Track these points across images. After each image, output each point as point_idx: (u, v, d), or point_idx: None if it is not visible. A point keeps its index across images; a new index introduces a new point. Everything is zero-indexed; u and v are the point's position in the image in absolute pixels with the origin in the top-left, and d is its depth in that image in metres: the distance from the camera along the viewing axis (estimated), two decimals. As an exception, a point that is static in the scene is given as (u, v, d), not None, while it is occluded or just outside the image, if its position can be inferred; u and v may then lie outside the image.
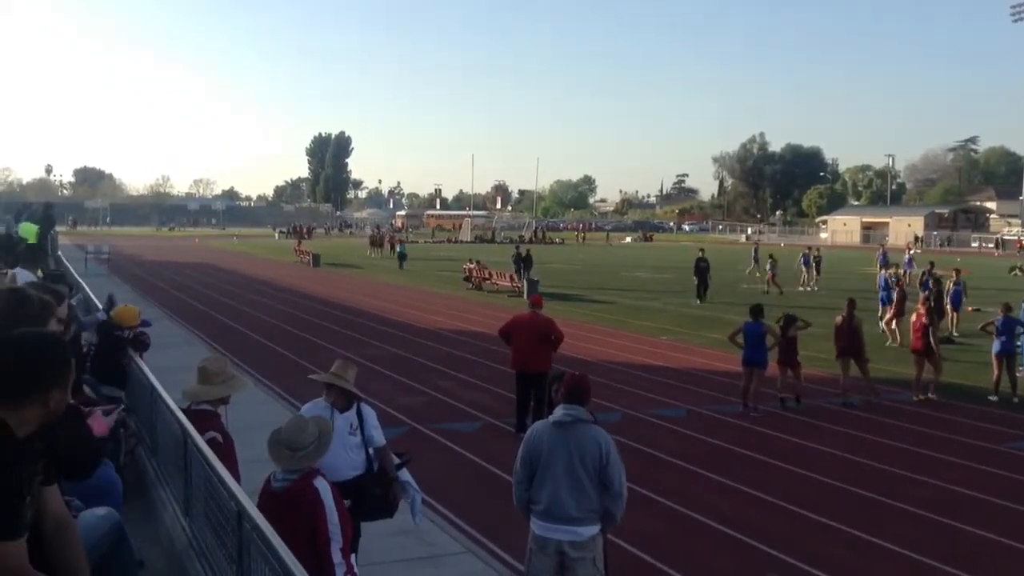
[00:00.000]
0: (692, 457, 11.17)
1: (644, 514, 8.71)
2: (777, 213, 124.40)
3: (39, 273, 10.26)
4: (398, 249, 49.61)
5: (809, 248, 38.26)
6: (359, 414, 6.14)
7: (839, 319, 14.88)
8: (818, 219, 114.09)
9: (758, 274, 38.54)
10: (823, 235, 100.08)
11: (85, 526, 3.57)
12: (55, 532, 3.04)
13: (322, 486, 4.75)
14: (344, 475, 5.76)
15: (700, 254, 30.49)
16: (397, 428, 11.70)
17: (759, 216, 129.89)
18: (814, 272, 35.08)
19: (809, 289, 34.13)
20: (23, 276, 7.04)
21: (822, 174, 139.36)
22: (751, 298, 23.54)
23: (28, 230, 17.02)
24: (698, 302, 28.86)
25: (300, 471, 4.79)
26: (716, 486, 10.10)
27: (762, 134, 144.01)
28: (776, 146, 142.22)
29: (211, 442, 5.23)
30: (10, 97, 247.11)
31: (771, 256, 34.31)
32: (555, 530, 5.49)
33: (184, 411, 5.84)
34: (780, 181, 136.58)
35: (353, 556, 5.24)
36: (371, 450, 6.14)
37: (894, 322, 20.72)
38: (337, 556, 4.70)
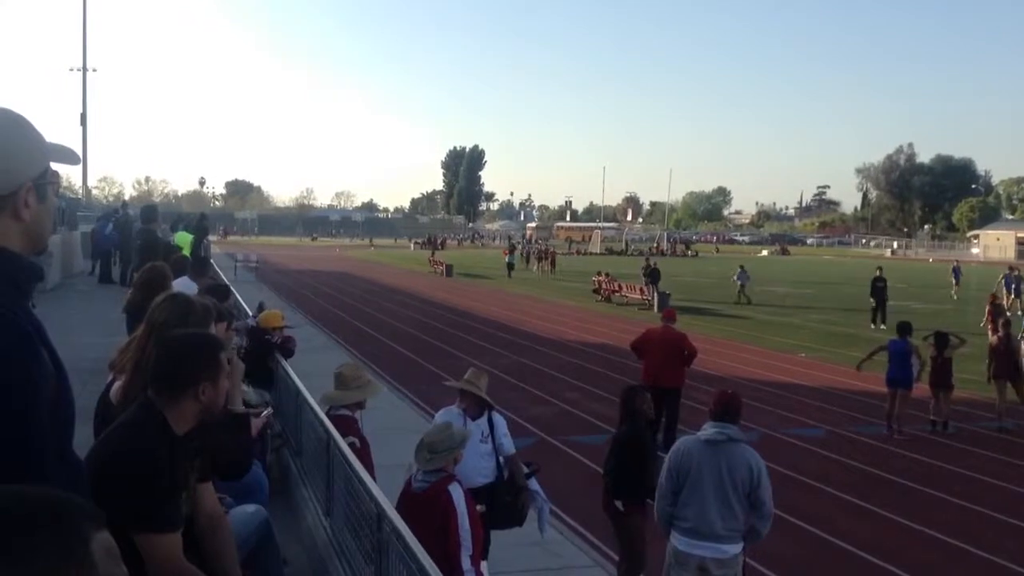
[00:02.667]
0: (830, 479, 10.79)
1: (779, 535, 8.43)
2: (925, 227, 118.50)
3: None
4: (507, 259, 49.44)
5: (1011, 268, 33.56)
6: (490, 422, 6.23)
7: (994, 340, 14.06)
8: (969, 234, 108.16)
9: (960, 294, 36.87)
10: (974, 250, 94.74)
11: (236, 522, 3.73)
12: (209, 527, 3.20)
13: (456, 492, 4.84)
14: (475, 482, 5.84)
15: (877, 272, 27.48)
16: (526, 438, 11.74)
17: (906, 230, 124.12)
18: (1012, 296, 30.66)
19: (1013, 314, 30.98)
20: (188, 285, 7.42)
21: (974, 187, 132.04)
22: (946, 321, 22.25)
23: (183, 239, 17.87)
24: (883, 327, 24.52)
25: (437, 474, 4.90)
26: (854, 509, 9.73)
27: (910, 144, 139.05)
28: (924, 157, 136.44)
29: (349, 447, 5.42)
30: (168, 114, 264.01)
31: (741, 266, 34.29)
32: (700, 547, 5.47)
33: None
34: (929, 193, 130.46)
35: (483, 564, 5.31)
36: (501, 458, 6.21)
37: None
38: (466, 562, 4.77)
